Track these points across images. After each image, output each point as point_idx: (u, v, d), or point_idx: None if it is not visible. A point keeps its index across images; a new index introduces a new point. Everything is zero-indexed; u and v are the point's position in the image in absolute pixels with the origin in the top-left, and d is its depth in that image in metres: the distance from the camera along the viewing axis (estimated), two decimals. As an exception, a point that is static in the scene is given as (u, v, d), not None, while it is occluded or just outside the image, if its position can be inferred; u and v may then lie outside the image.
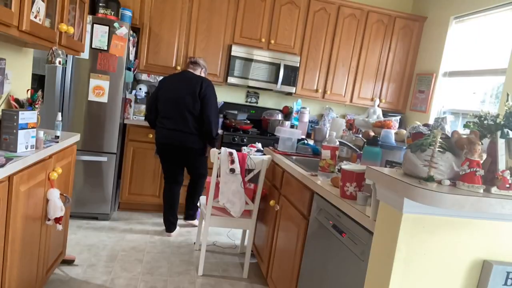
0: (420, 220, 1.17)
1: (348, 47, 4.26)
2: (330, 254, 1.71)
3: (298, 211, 2.17)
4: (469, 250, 1.21)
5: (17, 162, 1.61)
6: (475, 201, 1.08)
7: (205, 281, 2.71)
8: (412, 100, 4.39)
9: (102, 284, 2.50)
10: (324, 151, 2.07)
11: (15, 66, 2.27)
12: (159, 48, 3.86)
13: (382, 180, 1.24)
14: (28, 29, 1.71)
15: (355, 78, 4.34)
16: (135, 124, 3.73)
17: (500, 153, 1.19)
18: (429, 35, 4.26)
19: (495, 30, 3.52)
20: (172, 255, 3.04)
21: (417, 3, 4.57)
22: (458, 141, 1.22)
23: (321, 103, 4.65)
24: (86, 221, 3.47)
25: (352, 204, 1.54)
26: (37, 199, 1.91)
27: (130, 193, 3.80)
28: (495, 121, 1.24)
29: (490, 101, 3.51)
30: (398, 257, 1.18)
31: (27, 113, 1.83)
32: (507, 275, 1.21)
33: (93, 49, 3.31)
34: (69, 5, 2.25)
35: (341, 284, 1.59)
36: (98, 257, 2.85)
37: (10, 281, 1.68)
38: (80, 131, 3.34)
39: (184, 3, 3.87)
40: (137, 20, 3.78)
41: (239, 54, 3.99)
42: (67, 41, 2.26)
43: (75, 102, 3.34)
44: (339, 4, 4.16)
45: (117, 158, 3.57)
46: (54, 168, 2.09)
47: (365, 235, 1.43)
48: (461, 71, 3.86)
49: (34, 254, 1.97)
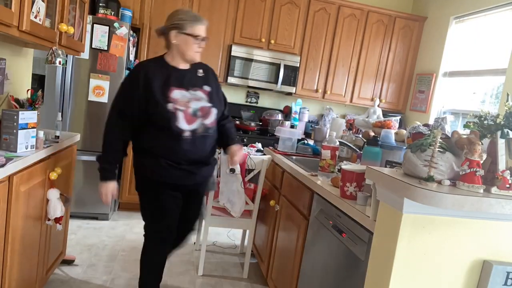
0: (420, 220, 1.16)
1: (348, 47, 4.26)
2: (330, 254, 1.71)
3: (298, 211, 2.17)
4: (469, 250, 1.21)
5: (17, 162, 1.61)
6: (475, 201, 1.08)
7: (205, 281, 2.71)
8: (412, 100, 4.39)
9: (102, 284, 2.50)
10: (324, 151, 2.07)
11: (15, 66, 2.27)
12: (159, 48, 3.84)
13: (382, 180, 1.24)
14: (28, 29, 1.71)
15: (355, 78, 4.34)
16: (135, 124, 3.72)
17: (500, 153, 1.19)
18: (429, 35, 4.26)
19: (495, 30, 3.52)
20: (172, 255, 3.03)
21: (417, 3, 4.57)
22: (458, 141, 1.22)
23: (321, 103, 4.65)
24: (86, 221, 3.47)
25: (352, 204, 1.54)
26: (37, 199, 1.91)
27: (130, 193, 3.79)
28: (495, 121, 1.24)
29: (490, 101, 3.50)
30: (398, 257, 1.17)
31: (27, 113, 1.83)
32: (507, 275, 1.21)
33: (93, 49, 3.31)
34: (69, 5, 2.25)
35: (341, 284, 1.59)
36: (98, 257, 2.84)
37: (10, 281, 1.68)
38: (80, 131, 3.34)
39: (184, 3, 3.87)
40: (137, 20, 3.78)
41: (239, 54, 3.99)
42: (67, 41, 2.26)
43: (75, 102, 3.34)
44: (339, 4, 4.16)
45: (117, 158, 3.57)
46: (54, 168, 2.09)
47: (365, 235, 1.43)
48: (461, 71, 3.86)
49: (34, 254, 1.97)
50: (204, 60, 4.38)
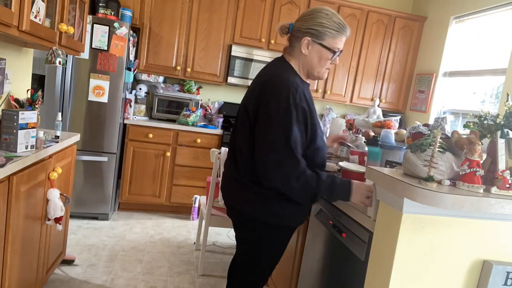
0: (420, 220, 1.16)
1: (348, 47, 4.26)
2: (330, 254, 1.71)
3: (298, 211, 2.16)
4: (469, 250, 1.21)
5: (17, 162, 1.61)
6: (475, 201, 1.08)
7: (205, 281, 2.71)
8: (412, 100, 4.39)
9: (102, 284, 2.50)
10: (352, 156, 1.96)
11: (15, 66, 2.27)
12: (159, 48, 3.86)
13: (382, 180, 1.24)
14: (28, 29, 1.71)
15: (355, 78, 4.34)
16: (135, 124, 3.73)
17: (500, 153, 1.19)
18: (429, 35, 4.26)
19: (495, 30, 3.52)
20: (172, 255, 3.04)
21: (417, 3, 4.57)
22: (458, 141, 1.22)
23: (321, 103, 4.65)
24: (86, 221, 3.47)
25: (352, 204, 1.54)
26: (37, 199, 1.91)
27: (130, 193, 3.80)
28: (495, 121, 1.24)
29: (490, 101, 3.50)
30: (398, 257, 1.17)
31: (27, 113, 1.83)
32: (507, 275, 1.21)
33: (93, 49, 3.31)
34: (69, 5, 2.25)
35: (341, 284, 1.59)
36: (98, 257, 2.85)
37: (10, 281, 1.68)
38: (80, 131, 3.34)
39: (184, 3, 3.87)
40: (137, 20, 3.78)
41: (239, 54, 3.99)
42: (67, 41, 2.26)
43: (75, 102, 3.34)
44: (339, 4, 4.16)
45: (117, 158, 3.57)
46: (54, 168, 2.09)
47: (365, 235, 1.43)
48: (461, 71, 3.86)
49: (34, 254, 1.97)
50: (204, 60, 4.36)
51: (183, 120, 3.91)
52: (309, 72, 1.57)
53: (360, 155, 1.97)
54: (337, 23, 1.51)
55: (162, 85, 4.07)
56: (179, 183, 3.88)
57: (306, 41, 1.51)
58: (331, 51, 1.52)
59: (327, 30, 1.49)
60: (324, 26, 1.49)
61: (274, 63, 1.61)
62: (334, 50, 1.52)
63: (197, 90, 4.21)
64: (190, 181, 3.89)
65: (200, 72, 4.00)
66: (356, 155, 1.98)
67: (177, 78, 4.04)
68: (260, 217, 1.55)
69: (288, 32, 1.58)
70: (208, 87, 4.36)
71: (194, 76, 4.01)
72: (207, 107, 4.28)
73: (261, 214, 1.54)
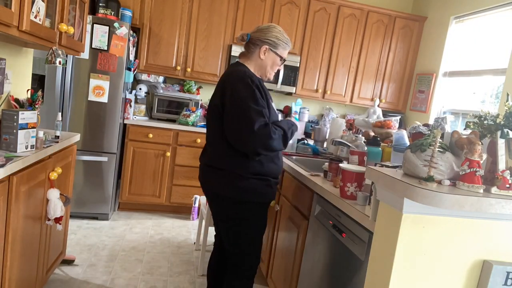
0: (420, 220, 1.16)
1: (348, 47, 4.26)
2: (330, 254, 1.71)
3: (298, 211, 2.17)
4: (469, 250, 1.21)
5: (17, 162, 1.61)
6: (475, 201, 1.08)
7: (205, 281, 2.71)
8: (412, 100, 4.39)
9: (102, 284, 2.50)
10: (352, 156, 1.98)
11: (15, 66, 2.27)
12: (159, 48, 3.86)
13: (382, 180, 1.24)
14: (28, 29, 1.71)
15: (355, 78, 4.34)
16: (135, 124, 3.73)
17: (500, 153, 1.19)
18: (429, 35, 4.26)
19: (495, 30, 3.52)
20: (172, 255, 3.04)
21: (417, 3, 4.57)
22: (458, 141, 1.22)
23: (321, 103, 4.65)
24: (86, 221, 3.47)
25: (352, 204, 1.54)
26: (37, 199, 1.91)
27: (130, 193, 3.80)
28: (495, 121, 1.24)
29: (490, 101, 3.50)
30: (398, 257, 1.17)
31: (27, 113, 1.83)
32: (507, 275, 1.21)
33: (93, 49, 3.31)
34: (69, 5, 2.25)
35: (341, 284, 1.59)
36: (98, 257, 2.85)
37: (10, 281, 1.68)
38: (80, 131, 3.34)
39: (184, 3, 3.87)
40: (137, 20, 3.78)
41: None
42: (67, 41, 2.26)
43: (75, 102, 3.34)
44: (339, 4, 4.16)
45: (117, 158, 3.57)
46: (54, 168, 2.09)
47: (365, 235, 1.43)
48: (461, 71, 3.86)
49: (34, 254, 1.97)
50: (204, 60, 4.37)
51: (183, 120, 3.91)
52: (262, 73, 1.93)
53: (360, 155, 1.97)
54: (286, 38, 1.91)
55: (162, 85, 4.07)
56: (179, 183, 3.88)
57: (264, 48, 1.86)
58: (281, 58, 1.92)
59: (281, 43, 1.88)
60: (279, 39, 1.87)
61: (232, 66, 1.91)
62: (284, 58, 1.93)
63: (197, 90, 4.21)
64: (190, 181, 3.90)
65: (200, 72, 4.00)
66: (356, 155, 1.98)
67: (177, 78, 4.04)
68: (230, 195, 1.81)
69: (245, 40, 1.90)
70: (208, 87, 4.36)
71: (194, 76, 4.01)
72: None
73: (230, 191, 1.81)
